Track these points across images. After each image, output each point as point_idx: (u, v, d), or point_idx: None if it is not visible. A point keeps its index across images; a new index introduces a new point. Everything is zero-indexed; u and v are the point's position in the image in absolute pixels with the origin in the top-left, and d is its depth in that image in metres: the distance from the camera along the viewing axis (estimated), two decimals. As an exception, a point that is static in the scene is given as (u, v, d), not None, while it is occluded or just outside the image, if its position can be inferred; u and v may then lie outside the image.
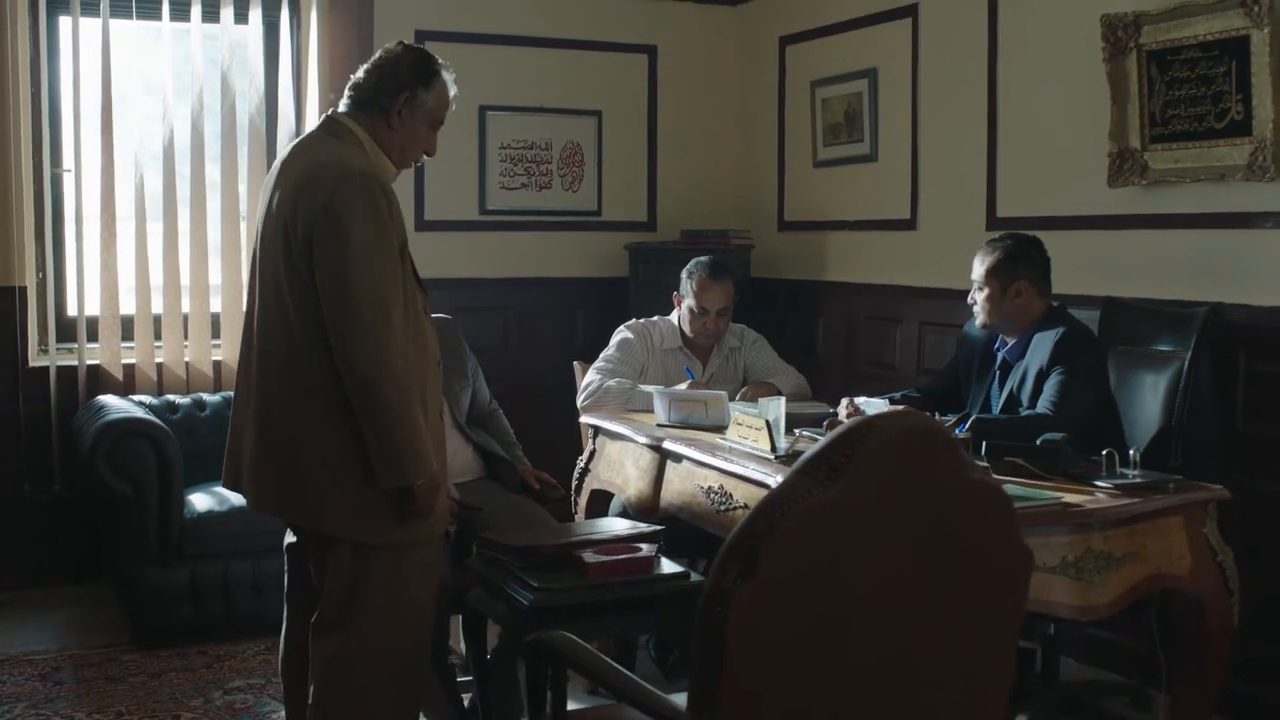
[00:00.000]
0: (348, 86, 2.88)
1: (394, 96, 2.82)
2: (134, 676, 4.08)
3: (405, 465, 2.69)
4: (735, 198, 6.08)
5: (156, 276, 5.06)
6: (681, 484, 3.55)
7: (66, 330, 5.03)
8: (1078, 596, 2.68)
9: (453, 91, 2.93)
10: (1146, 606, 3.17)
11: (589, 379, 4.21)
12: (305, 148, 2.84)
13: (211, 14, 5.09)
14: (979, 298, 3.62)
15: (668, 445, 3.54)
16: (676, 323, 4.37)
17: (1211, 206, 3.80)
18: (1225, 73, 3.70)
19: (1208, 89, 3.76)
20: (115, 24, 4.96)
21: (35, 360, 4.98)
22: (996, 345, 3.67)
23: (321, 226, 2.65)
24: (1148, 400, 3.71)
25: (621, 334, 4.34)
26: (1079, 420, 3.31)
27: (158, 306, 5.07)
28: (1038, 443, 3.04)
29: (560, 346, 5.63)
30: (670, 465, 3.66)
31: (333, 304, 2.65)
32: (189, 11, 5.04)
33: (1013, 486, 2.85)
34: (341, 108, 2.87)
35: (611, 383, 4.14)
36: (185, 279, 5.08)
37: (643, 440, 3.68)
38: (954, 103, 4.79)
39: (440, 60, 2.91)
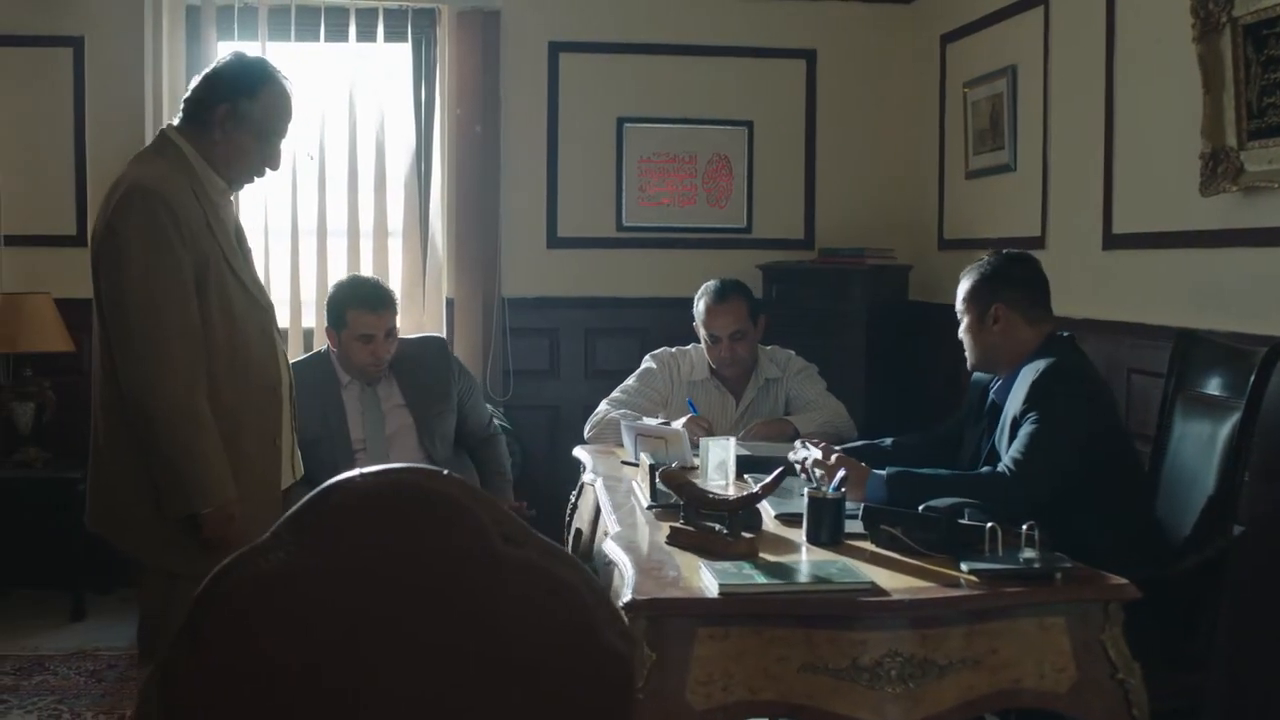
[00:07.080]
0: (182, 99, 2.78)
1: (214, 108, 2.69)
2: (170, 681, 4.17)
3: (187, 493, 2.56)
4: (897, 212, 5.49)
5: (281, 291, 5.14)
6: (603, 528, 3.18)
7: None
8: (872, 710, 2.07)
9: (292, 101, 2.76)
10: None
11: (598, 408, 3.89)
12: (129, 163, 2.76)
13: (339, 33, 5.17)
14: (961, 332, 3.06)
15: (597, 486, 3.19)
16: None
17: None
18: (1321, 49, 2.92)
19: (1304, 70, 2.98)
20: (246, 46, 5.11)
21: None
22: (992, 386, 3.06)
23: (104, 245, 2.58)
24: (1204, 459, 2.97)
25: (646, 363, 3.99)
26: (1050, 482, 2.67)
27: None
28: (919, 509, 2.45)
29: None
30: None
31: (111, 325, 2.57)
32: (317, 31, 5.15)
33: (835, 563, 2.30)
34: (174, 121, 2.77)
35: (615, 414, 3.80)
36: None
37: (588, 479, 3.35)
38: (1079, 101, 4.08)
39: (274, 68, 2.75)
